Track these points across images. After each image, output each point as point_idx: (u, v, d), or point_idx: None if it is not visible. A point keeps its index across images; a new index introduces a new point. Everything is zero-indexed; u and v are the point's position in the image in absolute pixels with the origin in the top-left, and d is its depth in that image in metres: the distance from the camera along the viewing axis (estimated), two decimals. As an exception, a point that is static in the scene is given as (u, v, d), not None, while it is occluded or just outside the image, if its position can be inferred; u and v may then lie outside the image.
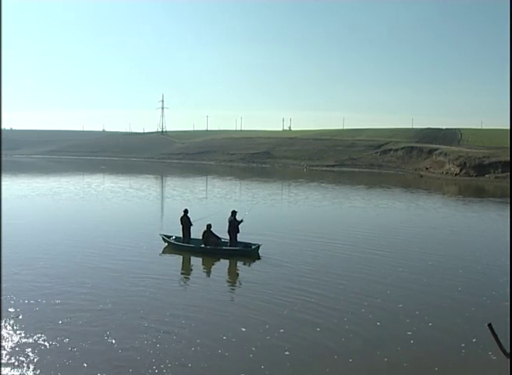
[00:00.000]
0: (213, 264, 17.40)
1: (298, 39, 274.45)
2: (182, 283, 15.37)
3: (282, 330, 10.94)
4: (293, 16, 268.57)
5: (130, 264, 16.56)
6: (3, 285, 12.86)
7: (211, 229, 18.69)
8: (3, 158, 74.77)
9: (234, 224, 18.65)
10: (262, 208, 30.15)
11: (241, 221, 18.80)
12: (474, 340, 10.68)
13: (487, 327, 4.52)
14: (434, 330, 11.28)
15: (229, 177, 59.69)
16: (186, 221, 19.56)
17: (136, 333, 10.70)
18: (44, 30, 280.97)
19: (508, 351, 4.54)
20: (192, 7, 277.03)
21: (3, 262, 14.55)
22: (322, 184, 49.84)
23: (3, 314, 11.45)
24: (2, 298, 12.10)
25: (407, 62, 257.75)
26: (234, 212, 18.92)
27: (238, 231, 18.70)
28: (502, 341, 4.41)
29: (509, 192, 39.44)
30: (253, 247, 18.19)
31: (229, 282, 15.54)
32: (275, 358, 9.68)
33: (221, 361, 9.51)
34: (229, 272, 16.72)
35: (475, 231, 24.79)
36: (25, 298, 12.84)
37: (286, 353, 9.86)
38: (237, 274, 16.54)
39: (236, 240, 18.64)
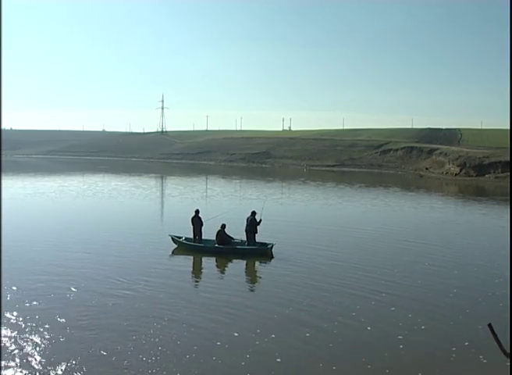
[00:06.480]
0: (225, 264, 17.37)
1: (298, 39, 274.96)
2: (183, 284, 15.08)
3: (273, 336, 10.85)
4: (293, 16, 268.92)
5: (133, 265, 16.48)
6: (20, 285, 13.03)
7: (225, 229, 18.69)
8: (3, 158, 74.66)
9: (253, 223, 18.77)
10: (271, 206, 29.90)
11: (260, 221, 18.95)
12: (466, 343, 10.58)
13: (487, 327, 4.48)
14: (426, 333, 11.17)
15: (230, 177, 59.70)
16: (197, 221, 19.33)
17: (135, 333, 10.77)
18: (45, 30, 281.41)
19: (508, 351, 4.49)
20: (192, 7, 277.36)
21: (3, 263, 14.65)
22: (324, 184, 49.86)
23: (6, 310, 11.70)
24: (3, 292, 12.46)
25: (407, 62, 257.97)
26: (254, 213, 19.08)
27: (256, 232, 18.81)
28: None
29: (509, 192, 39.26)
30: (268, 246, 18.32)
31: (234, 283, 15.17)
32: (267, 365, 9.54)
33: (213, 369, 9.39)
34: (237, 273, 16.54)
35: (475, 231, 24.75)
36: (28, 296, 13.06)
37: (278, 360, 9.72)
38: (246, 275, 16.48)
39: (254, 239, 18.73)
